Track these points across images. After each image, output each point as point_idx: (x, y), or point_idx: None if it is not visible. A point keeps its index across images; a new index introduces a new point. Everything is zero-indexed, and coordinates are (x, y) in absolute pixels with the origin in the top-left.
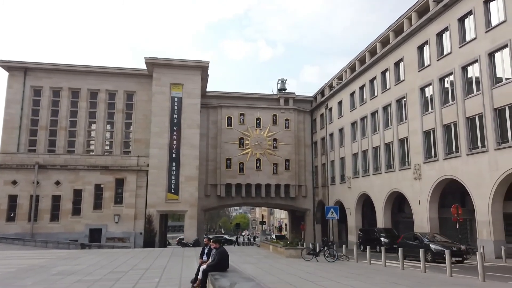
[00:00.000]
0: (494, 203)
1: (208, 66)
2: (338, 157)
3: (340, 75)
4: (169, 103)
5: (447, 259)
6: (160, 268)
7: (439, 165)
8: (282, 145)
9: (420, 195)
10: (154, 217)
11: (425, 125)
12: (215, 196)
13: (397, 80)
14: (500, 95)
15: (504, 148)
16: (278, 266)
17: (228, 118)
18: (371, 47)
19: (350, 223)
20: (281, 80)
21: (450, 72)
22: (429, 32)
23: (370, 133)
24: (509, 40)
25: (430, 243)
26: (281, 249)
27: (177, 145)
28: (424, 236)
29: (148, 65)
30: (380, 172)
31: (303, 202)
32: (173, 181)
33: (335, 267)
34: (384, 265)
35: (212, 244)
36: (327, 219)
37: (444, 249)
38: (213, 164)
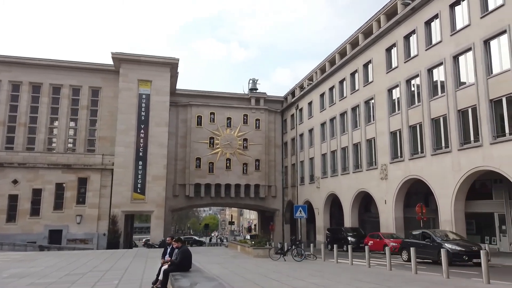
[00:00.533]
0: (456, 202)
1: (178, 63)
2: (307, 157)
3: (311, 76)
4: (137, 100)
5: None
6: (121, 270)
7: (405, 165)
8: (252, 145)
9: (386, 195)
10: (118, 218)
11: (392, 126)
12: (184, 196)
13: (366, 81)
14: (463, 97)
15: (466, 148)
16: (244, 266)
17: (198, 117)
18: (341, 49)
19: (318, 223)
20: (252, 80)
21: (417, 74)
22: (397, 35)
23: (339, 134)
24: (472, 44)
25: (445, 243)
26: (249, 249)
27: (144, 143)
28: (435, 234)
29: (114, 60)
30: (348, 172)
31: (272, 202)
32: (139, 180)
33: (302, 266)
34: (351, 264)
35: (174, 243)
36: (295, 218)
37: (463, 249)
38: (182, 163)
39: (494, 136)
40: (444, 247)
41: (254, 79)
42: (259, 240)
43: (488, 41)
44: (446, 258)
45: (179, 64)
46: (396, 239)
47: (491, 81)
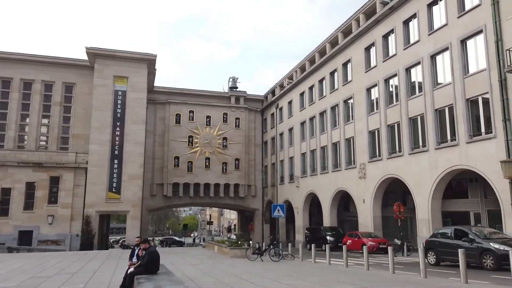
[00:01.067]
0: (433, 201)
1: (156, 59)
2: (287, 156)
3: (291, 75)
4: (112, 97)
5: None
6: (90, 272)
7: (383, 164)
8: (232, 144)
9: (364, 194)
10: (92, 218)
11: (371, 125)
12: (161, 196)
13: (345, 80)
14: (440, 96)
15: (443, 147)
16: (220, 266)
17: (177, 115)
18: (320, 48)
19: (297, 222)
20: (233, 78)
21: (395, 73)
22: (376, 34)
23: (318, 133)
24: (449, 43)
25: (490, 242)
26: (226, 249)
27: (120, 141)
28: (473, 231)
29: (89, 55)
30: (327, 171)
31: (252, 202)
32: (114, 179)
33: (279, 267)
34: (328, 263)
35: (141, 244)
36: (273, 217)
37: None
38: (159, 162)
39: (470, 135)
40: (489, 247)
41: (234, 78)
42: (236, 240)
43: (465, 40)
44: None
45: (156, 60)
46: (374, 238)
47: (467, 80)
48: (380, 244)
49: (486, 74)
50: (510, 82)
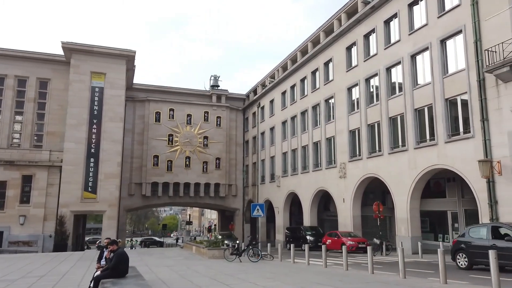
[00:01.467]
0: (412, 200)
1: (135, 55)
2: (268, 156)
3: (273, 74)
4: (89, 93)
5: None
6: (58, 275)
7: (363, 164)
8: (213, 143)
9: (344, 194)
10: (67, 218)
11: (351, 124)
12: (140, 195)
13: (326, 80)
14: (420, 96)
15: (422, 147)
16: (196, 268)
17: (157, 113)
18: (302, 47)
19: (278, 222)
20: (214, 76)
21: (376, 73)
22: (357, 33)
23: (300, 132)
24: (429, 43)
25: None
26: (204, 249)
27: (96, 139)
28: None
29: (65, 50)
30: (308, 171)
31: (233, 202)
32: (90, 178)
33: (257, 267)
34: (307, 264)
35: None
36: (253, 217)
37: None
38: (138, 161)
39: (449, 135)
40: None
41: (215, 76)
42: (214, 240)
43: (445, 40)
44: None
45: (135, 57)
46: (354, 237)
47: (446, 80)
48: (359, 244)
49: (465, 74)
50: (489, 82)
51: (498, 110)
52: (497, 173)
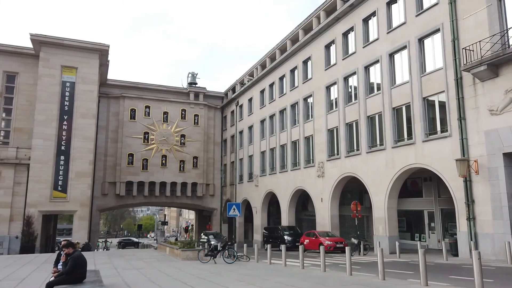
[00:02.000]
0: (389, 200)
1: (108, 50)
2: (246, 155)
3: (252, 72)
4: (59, 88)
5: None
6: (17, 280)
7: (341, 163)
8: (190, 142)
9: (322, 193)
10: (35, 219)
11: (330, 123)
12: (114, 195)
13: (305, 78)
14: (398, 95)
15: (400, 146)
16: (167, 270)
17: (132, 110)
18: (281, 45)
19: (256, 221)
20: (192, 73)
21: (354, 71)
22: (336, 32)
23: (278, 131)
24: (407, 42)
25: None
26: (178, 251)
27: (67, 136)
28: None
29: (34, 43)
30: (286, 170)
31: (210, 202)
32: (60, 177)
33: (231, 269)
34: (284, 265)
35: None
36: (229, 216)
37: None
38: (112, 159)
39: (427, 134)
40: None
41: (193, 73)
42: (188, 241)
43: (423, 39)
44: None
45: (109, 51)
46: (332, 237)
47: (424, 79)
48: (337, 244)
49: (442, 73)
50: (466, 81)
51: (475, 109)
52: (474, 172)
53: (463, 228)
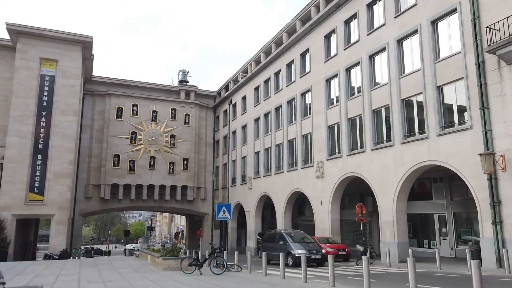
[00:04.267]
0: (398, 202)
1: (92, 42)
2: (240, 156)
3: (245, 68)
4: (37, 82)
5: None
6: None
7: (343, 162)
8: (180, 142)
9: (322, 195)
10: (7, 223)
11: (330, 119)
12: (98, 198)
13: (303, 72)
14: (407, 85)
15: (410, 141)
16: (140, 283)
17: (118, 108)
18: (277, 38)
19: (249, 227)
20: (183, 71)
21: (357, 61)
22: (337, 20)
23: (274, 130)
24: (418, 26)
25: None
26: (159, 259)
27: (45, 134)
28: None
29: (10, 33)
30: (282, 171)
31: (201, 206)
32: (37, 178)
33: (217, 284)
34: (283, 277)
35: None
36: (218, 219)
37: None
38: (97, 161)
39: (442, 127)
40: None
41: (184, 71)
42: (170, 248)
43: (436, 22)
44: None
45: (93, 44)
46: (333, 244)
47: (438, 65)
48: (339, 251)
49: (460, 57)
50: (489, 64)
51: (501, 96)
52: (501, 168)
53: (487, 234)
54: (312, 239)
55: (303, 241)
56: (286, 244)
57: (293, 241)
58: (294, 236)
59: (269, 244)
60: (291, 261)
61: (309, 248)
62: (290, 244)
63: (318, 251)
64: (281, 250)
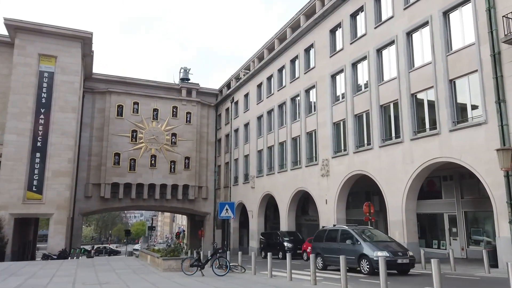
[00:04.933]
0: (408, 200)
1: (92, 38)
2: (242, 154)
3: (248, 65)
4: (36, 79)
5: None
6: None
7: (349, 160)
8: (182, 141)
9: (327, 194)
10: (5, 222)
11: (335, 116)
12: (98, 197)
13: (307, 68)
14: (417, 79)
15: (420, 138)
16: (138, 286)
17: (119, 106)
18: (280, 34)
19: (252, 227)
20: (184, 68)
21: (364, 56)
22: (343, 13)
23: (277, 127)
24: (429, 17)
25: None
26: (159, 260)
27: (44, 131)
28: None
29: (9, 28)
30: (286, 169)
31: (203, 205)
32: (35, 176)
33: (221, 286)
34: (289, 279)
35: None
36: (221, 218)
37: None
38: (97, 159)
39: (454, 122)
40: None
41: (185, 68)
42: (171, 248)
43: (448, 12)
44: None
45: (93, 40)
46: None
47: (450, 58)
48: None
49: (474, 49)
50: (506, 56)
51: None
52: None
53: (504, 233)
54: (390, 237)
55: (380, 240)
56: (357, 244)
57: (367, 240)
58: (366, 234)
59: (325, 245)
60: (367, 268)
61: (392, 250)
62: (363, 244)
63: (405, 254)
64: (348, 252)
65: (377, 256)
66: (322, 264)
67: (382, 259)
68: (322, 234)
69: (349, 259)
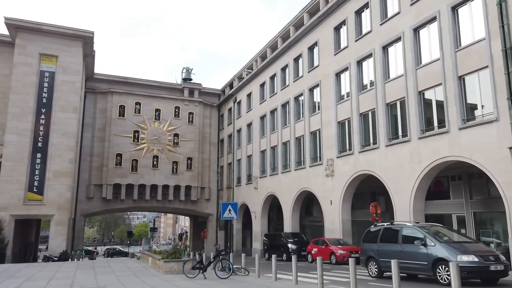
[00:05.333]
0: (416, 201)
1: (93, 37)
2: (245, 155)
3: (251, 64)
4: (37, 78)
5: None
6: None
7: (354, 159)
8: (184, 141)
9: (332, 194)
10: (6, 224)
11: (340, 114)
12: (100, 198)
13: (311, 66)
14: (425, 76)
15: (428, 136)
16: None
17: (121, 107)
18: (284, 32)
19: (255, 228)
20: (186, 68)
21: (369, 53)
22: (347, 10)
23: (280, 127)
24: (437, 12)
25: None
26: (160, 262)
27: (45, 131)
28: None
29: (9, 28)
30: (289, 170)
31: (206, 206)
32: (36, 177)
33: None
34: (295, 282)
35: None
36: (224, 219)
37: None
38: (99, 160)
39: (464, 120)
40: None
41: (188, 68)
42: (172, 250)
43: (457, 7)
44: None
45: (94, 39)
46: (344, 245)
47: (459, 54)
48: (352, 253)
49: (484, 44)
50: None
51: None
52: None
53: None
54: (470, 237)
55: (460, 241)
56: (430, 246)
57: (442, 240)
58: (437, 233)
59: (381, 247)
60: (446, 276)
61: (481, 254)
62: (438, 245)
63: (497, 258)
64: (418, 256)
65: (462, 262)
66: (377, 270)
67: (467, 265)
68: (374, 233)
69: (419, 265)
